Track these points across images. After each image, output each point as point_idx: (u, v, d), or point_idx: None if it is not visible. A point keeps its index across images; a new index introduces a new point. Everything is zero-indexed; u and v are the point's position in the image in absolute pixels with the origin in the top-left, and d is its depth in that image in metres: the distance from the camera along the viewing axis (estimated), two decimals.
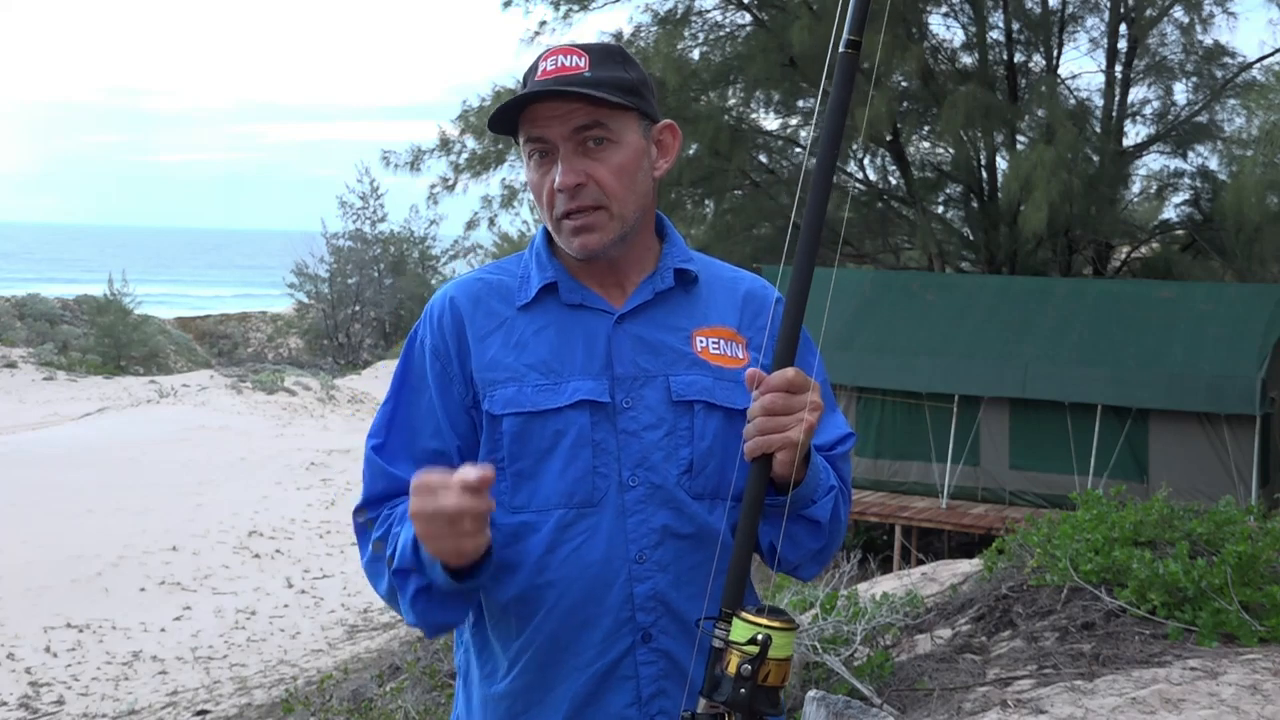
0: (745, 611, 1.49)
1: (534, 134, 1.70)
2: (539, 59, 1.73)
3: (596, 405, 1.70)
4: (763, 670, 1.46)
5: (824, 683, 4.26)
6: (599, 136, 1.69)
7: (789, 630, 1.48)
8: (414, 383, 1.76)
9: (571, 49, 1.72)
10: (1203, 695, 3.56)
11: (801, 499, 1.64)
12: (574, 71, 1.68)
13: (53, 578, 11.82)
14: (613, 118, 1.70)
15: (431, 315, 1.78)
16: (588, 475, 1.68)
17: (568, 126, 1.68)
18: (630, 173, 1.71)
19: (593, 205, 1.69)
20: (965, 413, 12.90)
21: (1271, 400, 11.89)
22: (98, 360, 28.78)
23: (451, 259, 35.55)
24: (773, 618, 1.48)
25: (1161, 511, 4.83)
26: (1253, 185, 14.35)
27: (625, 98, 1.69)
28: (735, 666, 1.47)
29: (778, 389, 1.56)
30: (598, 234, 1.70)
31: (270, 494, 15.74)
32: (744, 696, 1.46)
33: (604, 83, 1.68)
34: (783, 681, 1.48)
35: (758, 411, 1.57)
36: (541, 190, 1.72)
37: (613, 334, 1.74)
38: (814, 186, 1.61)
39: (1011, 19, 17.52)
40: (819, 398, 1.59)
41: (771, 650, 1.46)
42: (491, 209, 19.88)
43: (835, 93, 1.62)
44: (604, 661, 1.69)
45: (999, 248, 17.35)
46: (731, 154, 16.96)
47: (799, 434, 1.55)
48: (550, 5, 18.11)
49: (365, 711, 6.41)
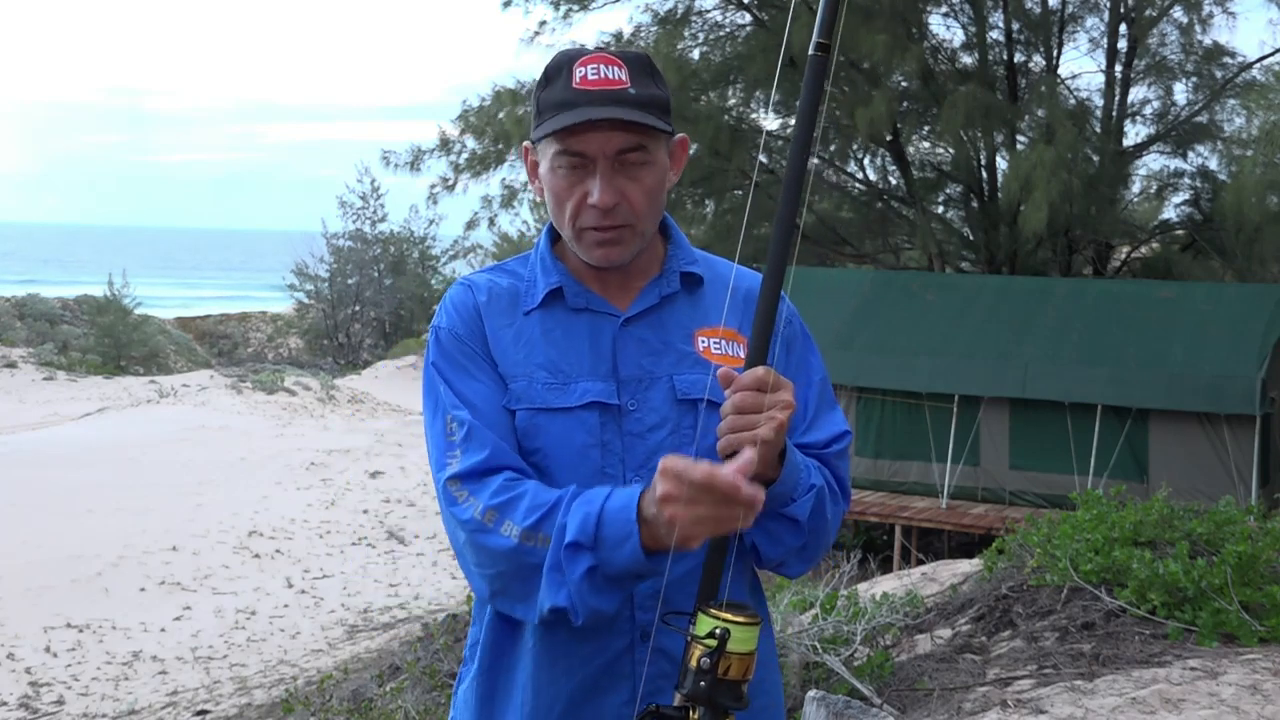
0: (710, 606, 1.50)
1: (575, 148, 1.69)
2: (573, 63, 1.71)
3: (605, 407, 1.72)
4: (722, 664, 1.47)
5: (824, 683, 4.26)
6: (637, 154, 1.70)
7: (750, 625, 1.49)
8: (453, 363, 1.75)
9: (610, 58, 1.71)
10: (1203, 695, 3.56)
11: (779, 497, 1.64)
12: (618, 86, 1.68)
13: (53, 578, 11.82)
14: (651, 139, 1.71)
15: (454, 304, 1.79)
16: (595, 476, 1.70)
17: (612, 147, 1.68)
18: (659, 193, 1.74)
19: (621, 224, 1.71)
20: (965, 413, 12.90)
21: (1271, 400, 11.89)
22: (98, 360, 28.79)
23: (451, 259, 35.56)
24: (734, 612, 1.49)
25: (1161, 511, 4.83)
26: (1253, 185, 14.36)
27: (663, 119, 1.72)
28: (696, 660, 1.48)
29: (748, 387, 1.57)
30: (620, 248, 1.73)
31: (270, 494, 15.74)
32: (704, 689, 1.47)
33: (647, 103, 1.69)
34: (745, 675, 1.49)
35: (729, 409, 1.57)
36: (567, 199, 1.72)
37: (618, 336, 1.76)
38: (786, 185, 1.62)
39: (1011, 19, 17.52)
40: (792, 396, 1.59)
41: (731, 644, 1.47)
42: (491, 209, 19.93)
43: (805, 94, 1.62)
44: (602, 659, 1.70)
45: (999, 248, 17.35)
46: (731, 154, 16.96)
47: (769, 431, 1.54)
48: (550, 5, 18.14)
49: (365, 711, 6.41)
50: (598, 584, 1.56)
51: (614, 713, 1.70)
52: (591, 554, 1.55)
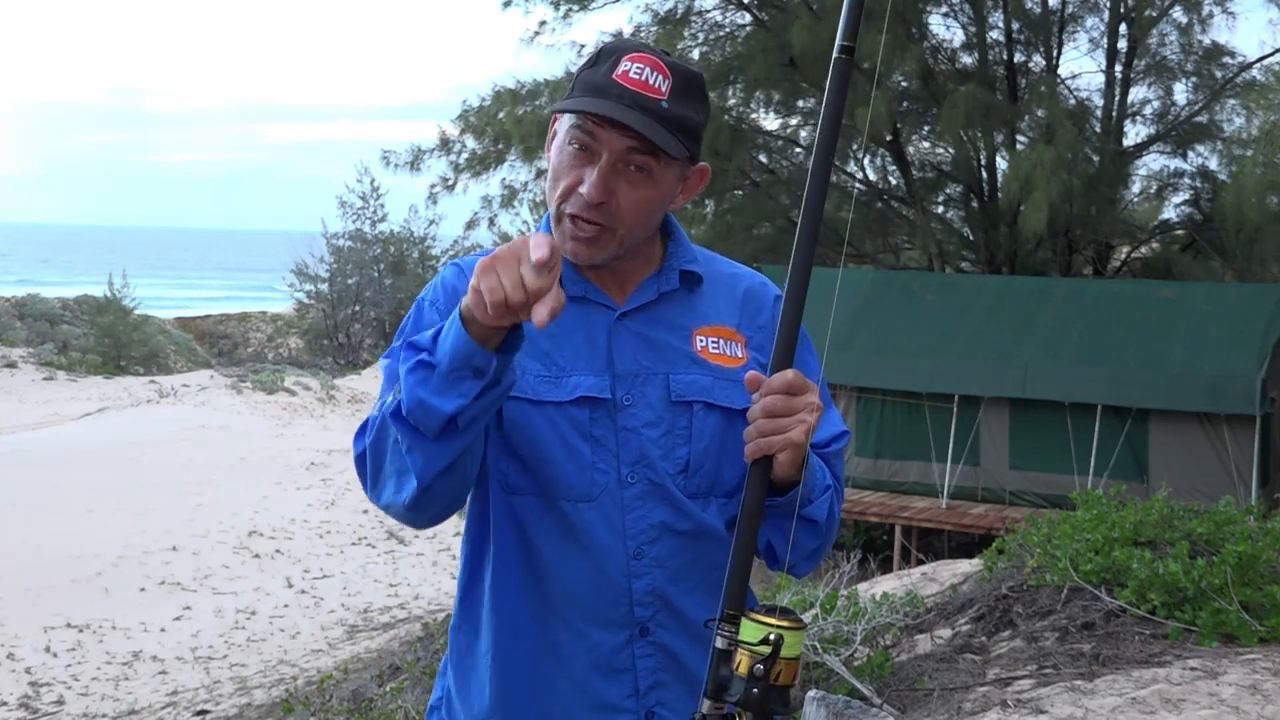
0: (754, 612, 1.51)
1: (585, 134, 1.67)
2: (623, 55, 1.68)
3: (596, 402, 1.70)
4: (774, 669, 1.48)
5: (824, 683, 4.26)
6: (642, 165, 1.68)
7: (799, 630, 1.51)
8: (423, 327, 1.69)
9: (659, 63, 1.68)
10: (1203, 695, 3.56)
11: (800, 499, 1.65)
12: (654, 95, 1.66)
13: (53, 578, 11.82)
14: (662, 159, 1.69)
15: (445, 283, 1.76)
16: (586, 470, 1.69)
17: (620, 146, 1.66)
18: (651, 209, 1.71)
19: (602, 223, 1.68)
20: (965, 413, 12.90)
21: (1271, 400, 11.89)
22: (98, 360, 28.77)
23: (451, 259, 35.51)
24: (783, 617, 1.50)
25: (1161, 511, 4.83)
26: (1253, 185, 14.36)
27: (683, 146, 1.69)
28: (747, 667, 1.49)
29: (778, 391, 1.57)
30: (591, 249, 1.70)
31: (270, 494, 15.74)
32: (757, 696, 1.48)
33: (675, 123, 1.67)
34: (793, 680, 1.51)
35: (758, 414, 1.58)
36: (564, 178, 1.69)
37: (614, 330, 1.74)
38: (810, 190, 1.62)
39: (1011, 19, 17.52)
40: (818, 398, 1.60)
41: (783, 649, 1.49)
42: (491, 209, 19.92)
43: (830, 96, 1.62)
44: (600, 654, 1.71)
45: (999, 248, 17.35)
46: (731, 154, 16.96)
47: (800, 435, 1.56)
48: (550, 5, 18.14)
49: (365, 711, 6.42)
50: (428, 377, 1.49)
51: (615, 707, 1.71)
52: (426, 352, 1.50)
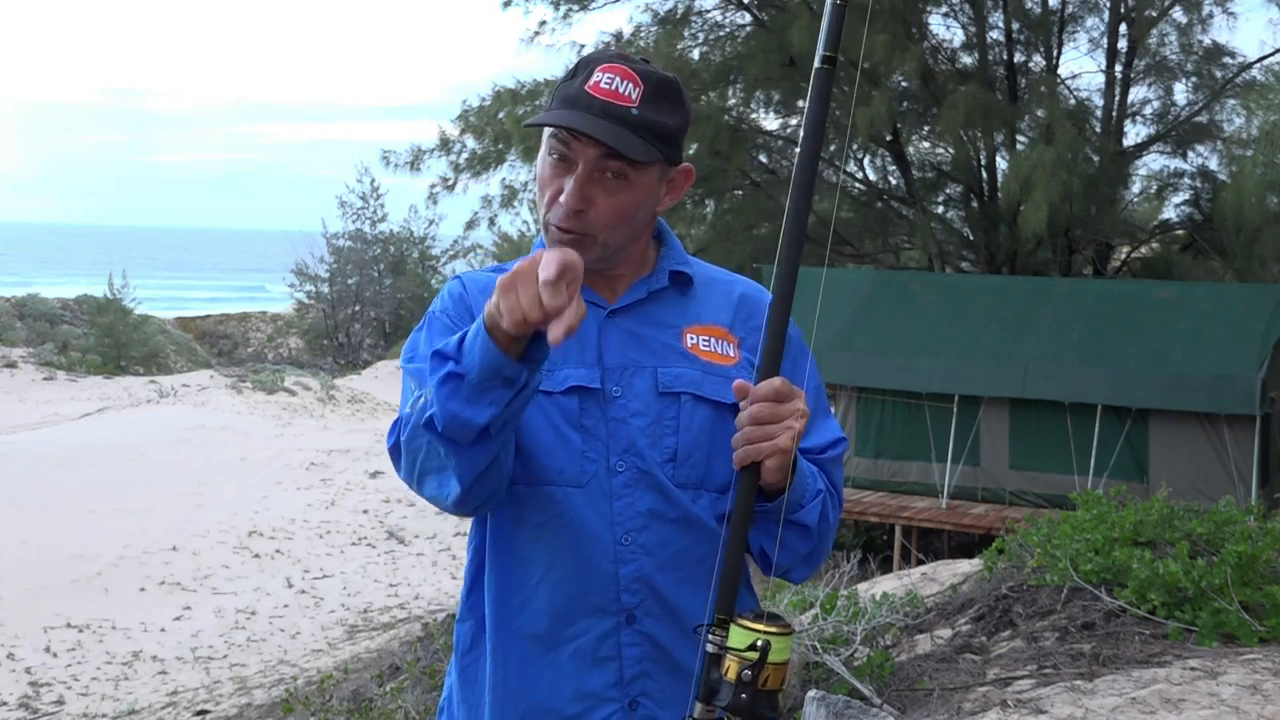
0: (743, 618, 1.52)
1: (560, 146, 1.71)
2: (594, 65, 1.72)
3: (586, 391, 1.74)
4: (762, 675, 1.50)
5: (824, 683, 4.26)
6: (618, 171, 1.70)
7: (787, 635, 1.52)
8: (437, 335, 1.78)
9: (629, 71, 1.70)
10: (1203, 695, 3.56)
11: (790, 504, 1.67)
12: (624, 103, 1.68)
13: (53, 578, 11.82)
14: (637, 163, 1.71)
15: (452, 294, 1.83)
16: (576, 458, 1.72)
17: (593, 155, 1.69)
18: (630, 213, 1.73)
19: (581, 231, 1.71)
20: (965, 413, 12.90)
21: (1271, 400, 11.89)
22: (98, 360, 28.77)
23: (451, 259, 35.55)
24: (770, 623, 1.51)
25: (1161, 511, 4.82)
26: (1253, 185, 14.36)
27: (654, 150, 1.70)
28: (735, 672, 1.50)
29: (765, 398, 1.60)
30: None
31: (270, 494, 15.74)
32: (745, 701, 1.50)
33: (644, 127, 1.68)
34: (781, 684, 1.52)
35: (745, 421, 1.60)
36: (546, 186, 1.74)
37: (604, 327, 1.78)
38: (793, 199, 1.64)
39: (1011, 19, 17.53)
40: (805, 404, 1.62)
41: (770, 655, 1.50)
42: (491, 209, 19.94)
43: (811, 106, 1.64)
44: (586, 641, 1.72)
45: (999, 248, 17.36)
46: (731, 154, 16.96)
47: (787, 441, 1.58)
48: (550, 5, 18.15)
49: (365, 711, 6.42)
50: (458, 389, 1.54)
51: (599, 695, 1.72)
52: (454, 362, 1.55)
